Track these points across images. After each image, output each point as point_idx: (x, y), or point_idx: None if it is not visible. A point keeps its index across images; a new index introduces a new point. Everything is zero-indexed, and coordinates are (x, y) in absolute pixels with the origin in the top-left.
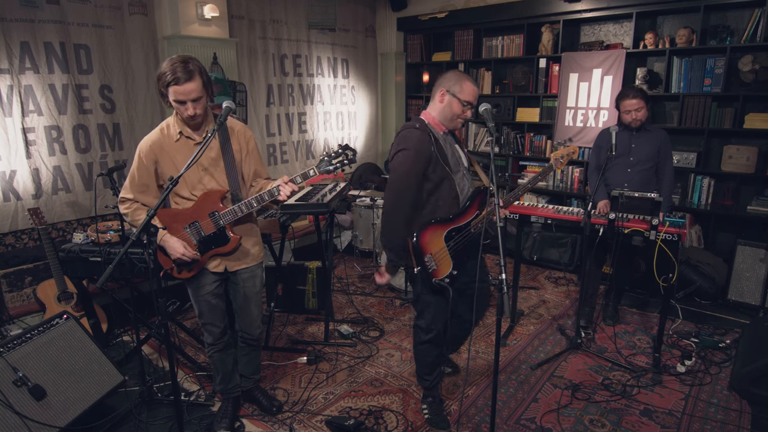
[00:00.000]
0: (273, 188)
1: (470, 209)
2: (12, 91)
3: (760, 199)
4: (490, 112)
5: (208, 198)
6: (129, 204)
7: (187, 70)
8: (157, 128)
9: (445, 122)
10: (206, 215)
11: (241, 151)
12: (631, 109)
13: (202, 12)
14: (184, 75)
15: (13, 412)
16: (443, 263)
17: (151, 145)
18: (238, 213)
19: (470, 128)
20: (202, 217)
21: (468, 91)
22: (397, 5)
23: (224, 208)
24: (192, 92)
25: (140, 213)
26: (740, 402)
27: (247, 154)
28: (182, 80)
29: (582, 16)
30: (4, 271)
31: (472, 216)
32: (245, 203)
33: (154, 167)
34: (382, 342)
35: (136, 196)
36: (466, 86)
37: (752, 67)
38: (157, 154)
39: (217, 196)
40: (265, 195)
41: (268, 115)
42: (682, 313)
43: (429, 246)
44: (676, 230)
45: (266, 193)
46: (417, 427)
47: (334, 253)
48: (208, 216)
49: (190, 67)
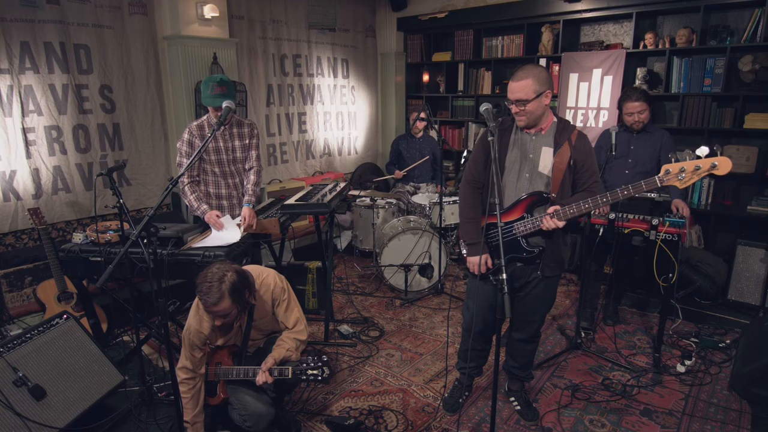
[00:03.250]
0: (256, 369)
1: (513, 210)
2: (12, 91)
3: (760, 199)
4: (491, 112)
5: (225, 350)
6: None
7: (218, 291)
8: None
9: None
10: (215, 362)
11: (270, 311)
12: (634, 111)
13: (202, 12)
14: (213, 299)
15: (13, 412)
16: None
17: (198, 329)
18: (230, 375)
19: (470, 128)
20: (212, 362)
21: (508, 89)
22: (397, 5)
23: (228, 363)
24: (221, 311)
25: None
26: (740, 402)
27: (277, 308)
28: (210, 305)
29: (582, 16)
30: (4, 271)
31: (513, 217)
32: (236, 371)
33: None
34: (382, 342)
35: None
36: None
37: (752, 67)
38: (204, 335)
39: (229, 351)
40: (251, 372)
41: (268, 115)
42: (682, 313)
43: None
44: (676, 230)
45: (252, 370)
46: (417, 427)
47: (334, 253)
48: (215, 363)
49: (222, 288)
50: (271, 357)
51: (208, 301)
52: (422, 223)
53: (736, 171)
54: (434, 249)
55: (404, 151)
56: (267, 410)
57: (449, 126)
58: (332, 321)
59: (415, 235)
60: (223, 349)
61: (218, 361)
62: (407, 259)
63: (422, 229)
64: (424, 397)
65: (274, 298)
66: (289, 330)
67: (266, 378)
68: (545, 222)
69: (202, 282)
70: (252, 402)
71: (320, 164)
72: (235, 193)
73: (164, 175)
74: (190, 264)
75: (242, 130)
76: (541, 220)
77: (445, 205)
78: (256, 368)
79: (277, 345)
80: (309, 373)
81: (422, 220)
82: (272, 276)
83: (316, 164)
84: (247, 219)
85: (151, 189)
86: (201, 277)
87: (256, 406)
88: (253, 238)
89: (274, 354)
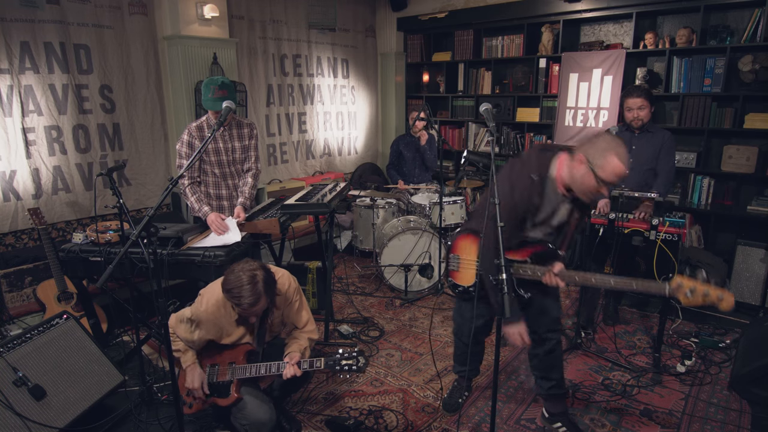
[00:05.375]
0: (281, 364)
1: (520, 251)
2: (12, 91)
3: (760, 199)
4: (491, 112)
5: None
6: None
7: (255, 292)
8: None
9: (574, 187)
10: (227, 362)
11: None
12: (634, 107)
13: (202, 12)
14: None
15: (13, 412)
16: (465, 274)
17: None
18: (248, 373)
19: (470, 128)
20: (223, 362)
21: (610, 170)
22: (397, 5)
23: (242, 362)
24: (258, 310)
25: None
26: (740, 402)
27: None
28: (248, 306)
29: (582, 16)
30: (4, 271)
31: (518, 258)
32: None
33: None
34: (382, 342)
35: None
36: (609, 161)
37: (752, 67)
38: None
39: (243, 350)
40: (274, 368)
41: (268, 115)
42: (682, 313)
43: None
44: (676, 230)
45: (276, 365)
46: (417, 427)
47: (334, 253)
48: (228, 363)
49: (258, 289)
50: (294, 351)
51: (245, 303)
52: (422, 223)
53: (736, 171)
54: (434, 249)
55: (405, 151)
56: (269, 417)
57: (449, 126)
58: (332, 321)
59: (415, 235)
60: (237, 349)
61: (231, 361)
62: (407, 259)
63: (422, 229)
64: (424, 397)
65: (287, 298)
66: (300, 330)
67: (295, 371)
68: (548, 277)
69: (235, 287)
70: (254, 411)
71: (320, 164)
72: (235, 194)
73: (164, 175)
74: (190, 264)
75: (242, 131)
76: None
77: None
78: (281, 363)
79: (293, 340)
80: (344, 364)
81: (422, 220)
82: (286, 276)
83: (316, 164)
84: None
85: (151, 189)
86: (230, 283)
87: (257, 414)
88: (253, 238)
89: (292, 347)
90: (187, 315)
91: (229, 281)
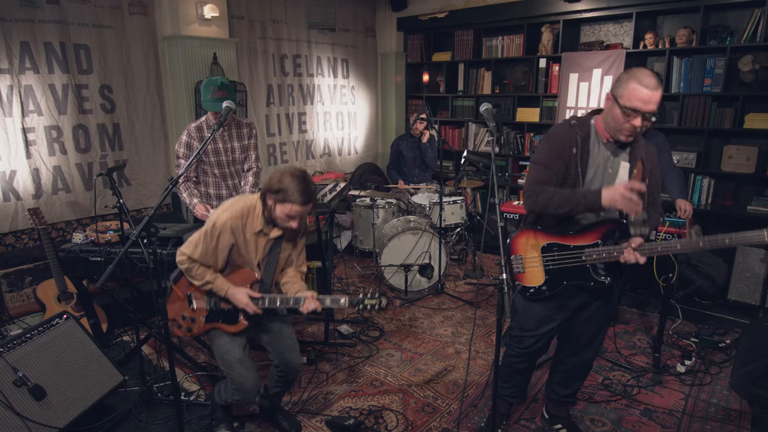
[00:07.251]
0: (300, 297)
1: (588, 234)
2: (12, 91)
3: (760, 199)
4: (491, 112)
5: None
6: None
7: (311, 192)
8: (239, 208)
9: (609, 130)
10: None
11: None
12: None
13: (202, 12)
14: (307, 197)
15: (13, 412)
16: (532, 273)
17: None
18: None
19: (470, 128)
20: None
21: (630, 95)
22: (397, 5)
23: (253, 292)
24: (305, 212)
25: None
26: (740, 402)
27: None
28: (304, 202)
29: (582, 16)
30: (4, 271)
31: (586, 242)
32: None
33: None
34: (382, 342)
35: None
36: (630, 88)
37: (752, 67)
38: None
39: (250, 279)
40: (291, 300)
41: (268, 115)
42: (682, 313)
43: (521, 247)
44: (676, 230)
45: (293, 299)
46: (417, 427)
47: (334, 253)
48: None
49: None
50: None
51: (302, 199)
52: (422, 223)
53: (736, 171)
54: (434, 249)
55: (405, 151)
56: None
57: (449, 126)
58: (332, 321)
59: (415, 235)
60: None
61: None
62: (407, 259)
63: (422, 229)
64: (424, 397)
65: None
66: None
67: (316, 305)
68: (627, 254)
69: (289, 185)
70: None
71: (320, 164)
72: (235, 194)
73: (164, 175)
74: None
75: (241, 131)
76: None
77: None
78: (298, 296)
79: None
80: (366, 303)
81: (422, 220)
82: None
83: (316, 164)
84: None
85: (151, 189)
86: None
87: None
88: None
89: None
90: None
91: (280, 180)
